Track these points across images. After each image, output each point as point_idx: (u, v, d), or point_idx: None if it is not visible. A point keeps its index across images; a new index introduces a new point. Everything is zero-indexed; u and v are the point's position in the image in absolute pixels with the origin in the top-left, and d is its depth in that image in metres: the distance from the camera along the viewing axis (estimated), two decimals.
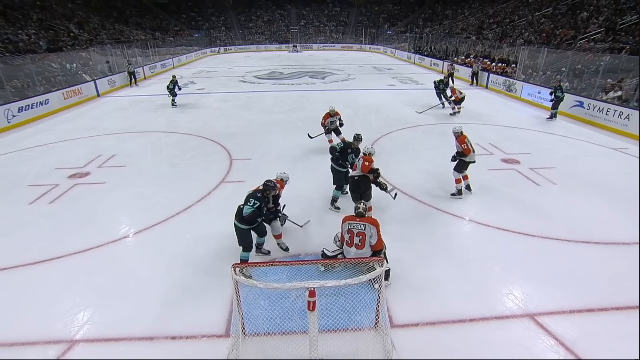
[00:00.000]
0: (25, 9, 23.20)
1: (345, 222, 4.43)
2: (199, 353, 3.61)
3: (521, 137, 10.29)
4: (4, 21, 20.27)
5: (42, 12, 24.54)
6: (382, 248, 4.45)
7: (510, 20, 26.18)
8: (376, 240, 4.34)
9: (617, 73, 12.62)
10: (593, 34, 17.49)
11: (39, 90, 14.07)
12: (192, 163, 8.63)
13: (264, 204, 4.60)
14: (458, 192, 6.55)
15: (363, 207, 4.43)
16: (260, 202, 4.53)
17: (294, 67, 26.66)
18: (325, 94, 16.79)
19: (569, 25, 19.82)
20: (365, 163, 5.67)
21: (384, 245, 4.50)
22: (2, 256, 5.14)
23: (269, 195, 4.73)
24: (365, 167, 5.66)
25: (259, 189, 4.73)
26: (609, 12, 18.53)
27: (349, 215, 4.53)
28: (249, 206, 4.49)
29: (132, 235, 5.68)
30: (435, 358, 3.51)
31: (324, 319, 3.51)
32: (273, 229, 5.06)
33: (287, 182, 5.32)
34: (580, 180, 7.42)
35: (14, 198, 6.91)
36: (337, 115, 8.96)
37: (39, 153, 9.43)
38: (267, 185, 4.71)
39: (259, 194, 4.63)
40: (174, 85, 14.29)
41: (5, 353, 3.64)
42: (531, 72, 16.32)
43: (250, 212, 4.46)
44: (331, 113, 8.86)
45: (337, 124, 8.94)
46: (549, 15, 22.76)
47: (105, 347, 3.70)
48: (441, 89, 13.53)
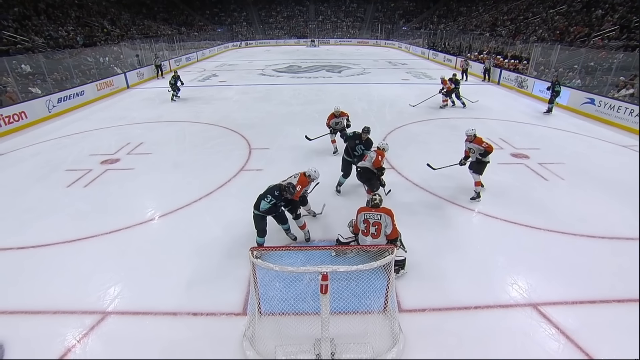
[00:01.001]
0: (65, 7, 23.58)
1: (361, 213, 4.40)
2: (218, 328, 3.70)
3: (531, 133, 10.00)
4: (47, 19, 20.67)
5: (79, 9, 24.92)
6: (397, 236, 4.45)
7: (524, 17, 25.20)
8: (391, 230, 4.33)
9: (630, 71, 12.06)
10: (607, 32, 16.69)
11: (76, 82, 14.38)
12: (213, 152, 8.72)
13: (279, 202, 4.61)
14: (478, 195, 6.14)
15: (380, 198, 4.40)
16: (276, 200, 4.56)
17: (312, 61, 26.44)
18: (341, 87, 16.64)
19: (584, 23, 18.96)
20: (378, 158, 5.63)
21: (399, 233, 4.50)
22: (44, 234, 5.34)
23: (285, 196, 4.63)
24: (377, 161, 5.63)
25: (280, 186, 4.63)
26: (624, 10, 17.62)
27: (364, 207, 4.52)
28: (265, 202, 4.56)
29: (157, 218, 5.81)
30: (439, 342, 3.51)
31: (336, 301, 3.54)
32: (297, 222, 5.03)
33: (313, 180, 5.11)
34: (589, 176, 7.18)
35: (54, 181, 7.14)
36: (343, 116, 8.08)
37: (75, 140, 9.69)
38: (287, 189, 4.56)
39: (277, 192, 4.58)
40: (176, 80, 13.97)
41: (49, 319, 3.82)
42: (543, 69, 15.76)
43: (267, 208, 4.57)
44: (336, 114, 8.01)
45: (343, 125, 8.14)
46: (564, 13, 21.80)
47: (134, 319, 3.83)
48: (457, 87, 12.72)
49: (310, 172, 5.03)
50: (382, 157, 5.67)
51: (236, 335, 3.56)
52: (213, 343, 3.52)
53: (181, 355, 3.40)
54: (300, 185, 4.91)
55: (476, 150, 5.94)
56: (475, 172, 6.05)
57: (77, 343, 3.52)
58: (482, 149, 5.86)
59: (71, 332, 3.64)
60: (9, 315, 3.87)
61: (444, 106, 12.66)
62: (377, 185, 5.84)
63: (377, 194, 4.54)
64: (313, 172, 5.02)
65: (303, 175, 5.02)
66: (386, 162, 7.74)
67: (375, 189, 5.82)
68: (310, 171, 5.03)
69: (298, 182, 4.90)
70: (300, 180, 4.95)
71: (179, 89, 14.20)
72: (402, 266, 4.35)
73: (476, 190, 6.11)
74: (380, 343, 3.38)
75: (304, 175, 5.02)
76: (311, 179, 5.07)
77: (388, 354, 3.29)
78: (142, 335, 3.62)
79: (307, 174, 5.03)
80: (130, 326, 3.75)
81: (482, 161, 5.94)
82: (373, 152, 5.79)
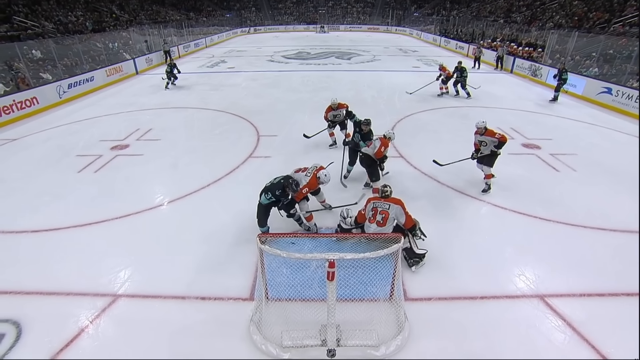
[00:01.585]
0: None
1: (371, 202, 4.42)
2: (226, 313, 3.77)
3: (543, 123, 9.80)
4: (56, 4, 20.68)
5: None
6: (414, 224, 4.47)
7: (540, 3, 24.39)
8: (405, 219, 4.33)
9: None
10: (629, 18, 16.10)
11: (85, 68, 14.46)
12: (222, 138, 8.74)
13: (283, 199, 4.55)
14: (489, 187, 6.03)
15: (390, 190, 4.42)
16: (276, 199, 4.53)
17: (321, 48, 26.12)
18: (350, 74, 16.44)
19: (604, 8, 18.29)
20: (381, 148, 5.63)
21: (416, 221, 4.52)
22: (57, 218, 5.46)
23: (289, 192, 4.51)
24: (380, 152, 5.65)
25: (283, 185, 4.47)
26: None
27: (374, 196, 4.53)
28: (265, 197, 4.54)
29: (166, 203, 5.88)
30: (444, 330, 3.54)
31: (342, 289, 3.57)
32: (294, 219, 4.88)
33: (322, 184, 4.85)
34: (602, 168, 7.04)
35: (65, 166, 7.26)
36: (341, 107, 7.57)
37: (85, 126, 9.79)
38: (290, 185, 4.42)
39: (279, 191, 4.45)
40: (172, 68, 13.74)
41: (63, 300, 3.94)
42: (559, 57, 15.30)
43: (267, 203, 4.58)
44: (333, 106, 7.54)
45: (342, 117, 7.66)
46: None
47: (144, 302, 3.92)
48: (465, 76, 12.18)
49: (321, 174, 4.76)
50: (385, 147, 5.67)
51: (243, 320, 3.62)
52: (220, 327, 3.60)
53: (190, 337, 3.48)
54: (308, 188, 4.73)
55: (489, 143, 5.81)
56: (486, 165, 5.94)
57: (90, 324, 3.62)
58: (495, 141, 5.72)
59: (84, 313, 3.74)
60: (25, 296, 3.99)
61: (441, 94, 12.39)
62: (377, 174, 5.83)
63: (388, 185, 4.52)
64: (324, 175, 4.76)
65: (315, 177, 4.75)
66: (395, 150, 7.74)
67: (375, 177, 5.83)
68: (321, 174, 4.77)
69: (308, 183, 4.74)
70: (311, 182, 4.75)
71: (176, 78, 13.99)
72: (422, 258, 4.36)
73: (487, 182, 6.02)
74: (385, 330, 3.41)
75: (316, 177, 4.75)
76: (320, 182, 4.81)
77: (393, 341, 3.33)
78: (152, 318, 3.72)
79: (319, 176, 4.75)
80: (140, 309, 3.84)
81: (495, 153, 5.82)
82: (378, 140, 5.76)
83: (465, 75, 12.05)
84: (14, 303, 3.90)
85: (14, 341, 3.44)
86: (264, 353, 3.29)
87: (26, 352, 3.34)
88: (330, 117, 7.67)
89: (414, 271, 4.28)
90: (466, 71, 12.14)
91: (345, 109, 7.61)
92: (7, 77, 11.58)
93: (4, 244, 4.95)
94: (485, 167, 5.98)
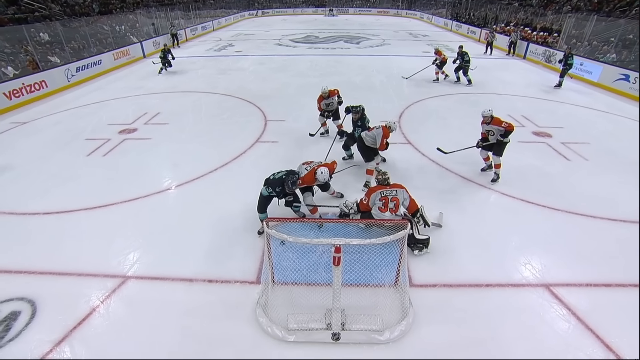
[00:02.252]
0: None
1: (376, 192, 4.37)
2: (232, 295, 3.84)
3: (556, 111, 9.59)
4: None
5: None
6: (418, 208, 4.49)
7: None
8: (409, 202, 4.36)
9: None
10: None
11: (93, 51, 14.44)
12: (229, 123, 8.73)
13: (281, 195, 4.48)
14: (498, 176, 5.94)
15: (388, 176, 4.43)
16: (276, 195, 4.47)
17: (330, 32, 25.69)
18: (359, 59, 16.20)
19: None
20: (383, 141, 5.62)
21: (420, 205, 4.53)
22: (67, 200, 5.56)
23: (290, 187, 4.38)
24: (382, 145, 5.65)
25: (284, 179, 4.36)
26: None
27: (376, 186, 4.49)
28: (265, 190, 4.50)
29: (174, 187, 5.94)
30: (448, 317, 3.57)
31: (348, 274, 3.61)
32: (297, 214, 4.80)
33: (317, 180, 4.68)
34: (615, 157, 6.90)
35: (75, 150, 7.34)
36: (333, 95, 7.30)
37: (93, 110, 9.85)
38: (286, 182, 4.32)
39: (279, 188, 4.38)
40: (165, 53, 13.53)
41: (75, 280, 4.04)
42: (575, 42, 14.87)
43: (267, 195, 4.52)
44: (324, 94, 7.21)
45: (336, 106, 7.41)
46: None
47: (152, 284, 4.01)
48: (467, 61, 11.63)
49: (319, 171, 4.62)
50: (386, 139, 5.66)
51: (250, 303, 3.69)
52: (227, 309, 3.67)
53: (197, 319, 3.56)
54: (303, 181, 4.64)
55: (496, 132, 5.69)
56: (495, 154, 5.84)
57: (101, 304, 3.73)
58: (502, 130, 5.61)
59: (95, 294, 3.85)
60: (38, 276, 4.11)
61: (437, 79, 12.15)
62: (372, 156, 5.83)
63: (383, 172, 4.49)
64: (320, 173, 4.60)
65: (313, 173, 4.66)
66: (403, 137, 7.68)
67: (369, 159, 5.84)
68: (319, 171, 4.62)
69: (304, 176, 4.65)
70: (307, 176, 4.66)
71: (170, 64, 13.77)
72: (426, 245, 4.38)
73: (497, 172, 5.94)
74: (390, 315, 3.45)
75: (314, 172, 4.66)
76: (316, 179, 4.65)
77: (397, 326, 3.37)
78: (160, 299, 3.80)
79: (316, 173, 4.63)
80: (149, 290, 3.93)
81: (503, 142, 5.71)
82: (380, 129, 5.69)
83: (467, 59, 11.64)
84: (28, 282, 4.02)
85: (30, 318, 3.56)
86: (270, 335, 3.36)
87: (42, 329, 3.46)
88: (323, 107, 7.39)
89: (417, 255, 4.32)
90: (468, 56, 11.69)
91: (336, 95, 7.38)
92: (16, 60, 11.64)
93: (17, 225, 5.07)
94: (494, 157, 5.89)
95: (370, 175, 5.78)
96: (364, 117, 6.35)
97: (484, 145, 5.93)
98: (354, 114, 6.26)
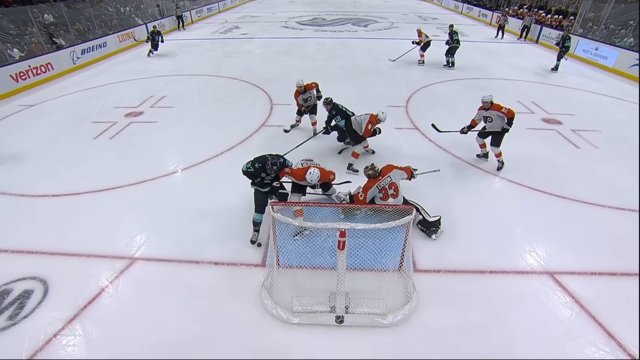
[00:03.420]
0: None
1: (372, 187, 4.32)
2: (238, 278, 3.92)
3: (567, 97, 9.39)
4: None
5: None
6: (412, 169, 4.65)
7: None
8: (405, 173, 4.56)
9: None
10: None
11: (98, 33, 14.34)
12: (235, 106, 8.70)
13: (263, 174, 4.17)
14: (502, 164, 5.87)
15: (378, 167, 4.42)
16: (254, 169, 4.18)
17: (337, 14, 25.16)
18: (367, 42, 15.89)
19: None
20: (368, 126, 5.59)
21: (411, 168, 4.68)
22: (75, 183, 5.64)
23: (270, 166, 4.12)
24: (367, 131, 5.62)
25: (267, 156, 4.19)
26: None
27: (369, 181, 4.40)
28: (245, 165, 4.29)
29: (180, 170, 5.98)
30: (451, 302, 3.61)
31: (352, 258, 3.65)
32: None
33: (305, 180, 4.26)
34: (626, 145, 6.78)
35: (82, 133, 7.40)
36: (311, 89, 6.79)
37: (99, 93, 9.86)
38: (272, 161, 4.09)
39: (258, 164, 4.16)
40: (153, 35, 13.42)
41: (84, 261, 4.14)
42: (591, 26, 14.41)
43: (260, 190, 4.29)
44: (299, 89, 6.69)
45: (315, 100, 6.90)
46: None
47: (159, 265, 4.09)
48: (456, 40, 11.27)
49: (309, 172, 4.22)
50: (372, 125, 5.62)
51: (255, 285, 3.76)
52: (233, 291, 3.75)
53: (203, 300, 3.65)
54: (291, 173, 4.32)
55: (495, 118, 5.55)
56: (493, 145, 5.75)
57: (109, 284, 3.82)
58: (502, 116, 5.45)
59: (104, 274, 3.94)
60: (49, 256, 4.21)
61: (422, 62, 12.06)
62: (359, 140, 5.80)
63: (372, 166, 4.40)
64: (309, 174, 4.20)
65: (304, 171, 4.27)
66: (410, 122, 7.61)
67: (355, 141, 5.82)
68: (309, 172, 4.22)
69: (295, 170, 4.34)
70: (298, 172, 4.31)
71: (157, 46, 13.68)
72: (439, 224, 4.46)
73: (500, 160, 5.87)
74: (393, 300, 3.50)
75: (306, 171, 4.25)
76: (304, 177, 4.23)
77: (400, 310, 3.42)
78: (167, 281, 3.89)
79: (307, 174, 4.22)
80: (156, 272, 4.02)
81: (506, 130, 5.56)
82: (368, 115, 5.68)
83: (455, 39, 11.28)
84: (39, 262, 4.12)
85: (42, 297, 3.67)
86: (275, 317, 3.43)
87: (54, 307, 3.57)
88: (302, 102, 6.89)
89: (434, 239, 4.36)
90: (457, 35, 11.33)
91: (315, 89, 6.87)
92: (21, 42, 11.61)
93: (27, 207, 5.16)
94: (493, 148, 5.80)
95: (355, 158, 5.79)
96: (338, 106, 6.03)
97: (467, 131, 5.89)
98: (325, 106, 6.04)
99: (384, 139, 6.38)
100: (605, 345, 3.19)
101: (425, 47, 11.79)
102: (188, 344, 3.22)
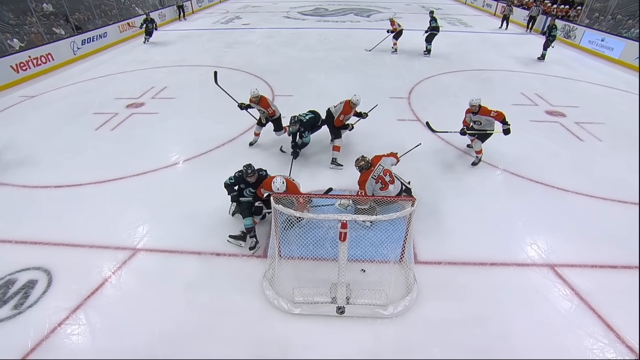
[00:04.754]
0: None
1: (368, 179, 4.29)
2: (239, 269, 3.95)
3: (572, 89, 9.30)
4: None
5: None
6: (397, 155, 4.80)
7: None
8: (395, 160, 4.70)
9: None
10: None
11: (98, 23, 14.23)
12: (236, 98, 8.63)
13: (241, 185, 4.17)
14: (479, 160, 5.79)
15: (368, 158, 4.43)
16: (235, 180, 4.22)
17: (339, 4, 24.86)
18: (369, 33, 15.68)
19: None
20: (340, 117, 5.60)
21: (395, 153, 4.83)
22: (77, 174, 5.66)
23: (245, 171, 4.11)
24: (338, 120, 5.64)
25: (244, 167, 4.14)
26: None
27: (363, 174, 4.37)
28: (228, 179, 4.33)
29: (182, 162, 6.00)
30: (452, 293, 3.64)
31: (353, 249, 3.67)
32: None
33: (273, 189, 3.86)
34: (630, 138, 6.73)
35: (83, 124, 7.40)
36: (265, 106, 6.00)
37: (100, 84, 9.83)
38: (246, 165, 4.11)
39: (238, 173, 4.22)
40: (146, 22, 13.70)
41: (87, 252, 4.18)
42: (597, 16, 14.20)
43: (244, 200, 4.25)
44: (254, 99, 5.94)
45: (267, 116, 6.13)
46: None
47: (161, 256, 4.13)
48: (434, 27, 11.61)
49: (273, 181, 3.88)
50: (344, 115, 5.62)
51: (256, 276, 3.80)
52: (234, 281, 3.79)
53: (205, 290, 3.69)
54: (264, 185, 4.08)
55: (485, 122, 5.49)
56: (479, 139, 5.67)
57: (112, 275, 3.86)
58: (491, 120, 5.39)
59: (106, 265, 3.98)
60: (52, 247, 4.25)
61: (395, 50, 12.23)
62: (338, 133, 5.79)
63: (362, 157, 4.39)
64: (273, 183, 3.86)
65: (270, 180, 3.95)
66: (412, 114, 7.56)
67: (336, 135, 5.81)
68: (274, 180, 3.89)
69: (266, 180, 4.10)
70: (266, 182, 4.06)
71: (151, 33, 14.02)
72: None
73: (479, 157, 5.79)
74: (394, 291, 3.53)
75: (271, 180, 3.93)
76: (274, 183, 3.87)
77: (401, 301, 3.45)
78: (169, 271, 3.93)
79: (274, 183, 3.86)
80: (158, 262, 4.06)
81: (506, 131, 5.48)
82: (342, 104, 5.69)
83: (434, 26, 11.51)
84: (43, 253, 4.16)
85: (46, 287, 3.72)
86: (276, 307, 3.47)
87: (58, 297, 3.62)
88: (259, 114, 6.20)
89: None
90: (436, 22, 11.53)
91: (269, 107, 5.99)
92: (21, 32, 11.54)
93: (29, 198, 5.19)
94: (477, 141, 5.69)
95: (337, 152, 5.74)
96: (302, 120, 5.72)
97: (470, 133, 5.74)
98: (293, 126, 5.59)
99: (386, 130, 6.36)
100: (604, 337, 3.22)
101: (397, 35, 12.10)
102: (190, 334, 3.27)
